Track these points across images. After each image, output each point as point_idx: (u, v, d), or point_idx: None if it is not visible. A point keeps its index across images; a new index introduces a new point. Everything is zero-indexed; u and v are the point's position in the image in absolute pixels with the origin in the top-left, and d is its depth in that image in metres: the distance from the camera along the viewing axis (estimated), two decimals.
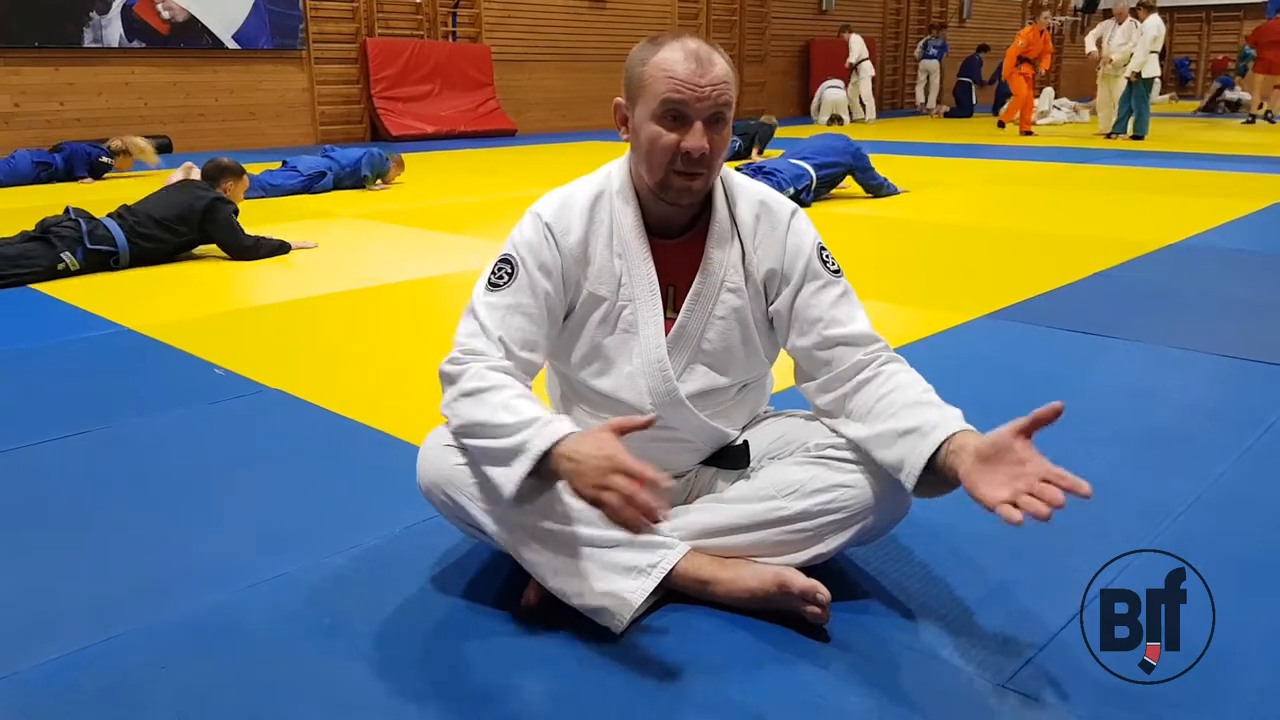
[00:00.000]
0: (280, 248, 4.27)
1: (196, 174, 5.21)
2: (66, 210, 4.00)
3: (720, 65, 1.34)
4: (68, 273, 3.80)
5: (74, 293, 3.54)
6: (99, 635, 1.35)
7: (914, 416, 1.32)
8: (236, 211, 4.21)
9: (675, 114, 1.33)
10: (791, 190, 5.36)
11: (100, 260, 3.89)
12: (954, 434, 1.27)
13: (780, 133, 8.80)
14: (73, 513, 1.77)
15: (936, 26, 16.46)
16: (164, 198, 4.13)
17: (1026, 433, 1.21)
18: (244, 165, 4.64)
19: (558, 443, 1.24)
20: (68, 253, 3.80)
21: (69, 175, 7.05)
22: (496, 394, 1.31)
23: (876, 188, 5.93)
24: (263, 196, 6.12)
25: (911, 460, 1.30)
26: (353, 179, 6.66)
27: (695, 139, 1.33)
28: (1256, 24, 19.07)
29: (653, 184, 1.39)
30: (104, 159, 7.14)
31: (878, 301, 3.22)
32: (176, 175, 5.85)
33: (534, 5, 11.99)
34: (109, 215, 4.00)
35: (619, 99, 1.42)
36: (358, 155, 6.69)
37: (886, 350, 1.44)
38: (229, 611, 1.41)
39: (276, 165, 6.66)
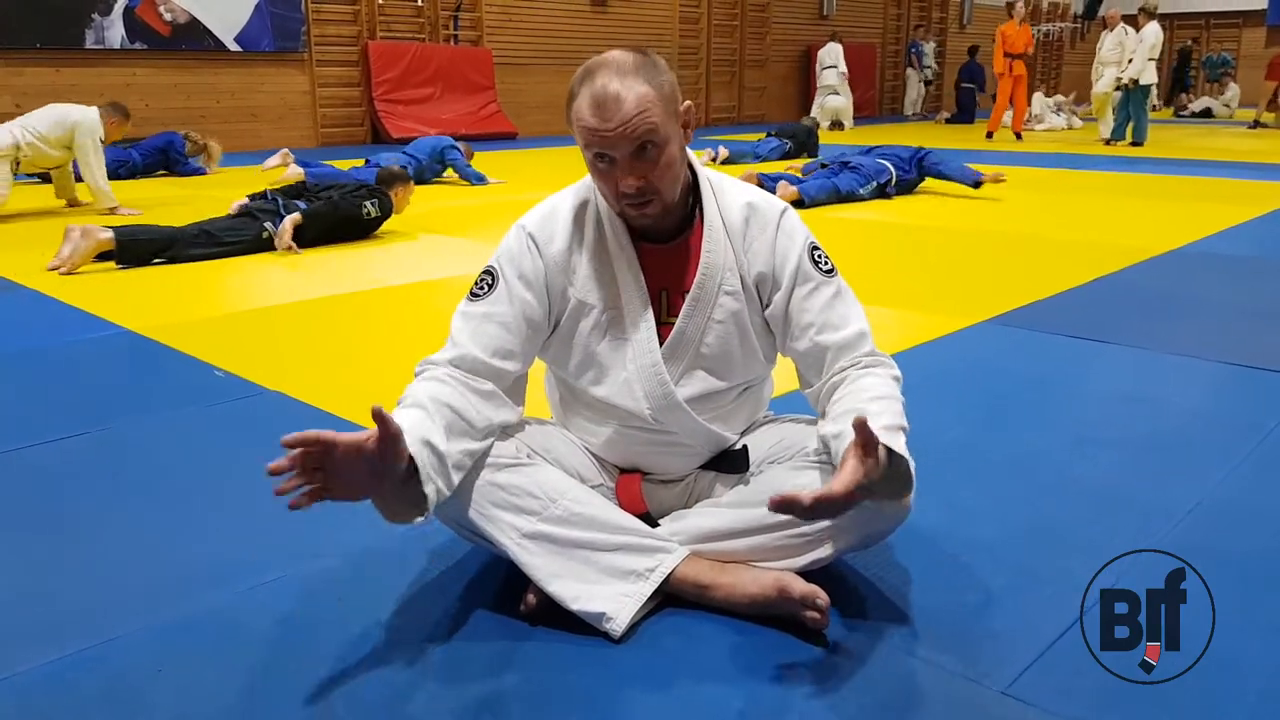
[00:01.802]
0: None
1: (291, 159, 6.16)
2: (264, 193, 4.61)
3: (630, 99, 1.29)
4: (271, 241, 4.32)
5: (75, 293, 3.54)
6: (98, 637, 1.35)
7: (845, 422, 1.31)
8: (375, 216, 4.63)
9: (600, 157, 1.34)
10: (874, 184, 6.07)
11: (295, 233, 4.35)
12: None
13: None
14: (71, 514, 1.77)
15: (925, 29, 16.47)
16: (340, 187, 4.68)
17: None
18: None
19: None
20: (270, 223, 4.34)
21: (147, 171, 7.41)
22: (408, 410, 1.33)
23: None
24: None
25: (835, 462, 1.31)
26: (434, 171, 7.04)
27: (625, 179, 1.33)
28: (1255, 30, 19.12)
29: (615, 212, 1.42)
30: (185, 159, 7.49)
31: (878, 306, 3.22)
32: (274, 160, 6.31)
33: (535, 9, 12.01)
34: (299, 198, 4.55)
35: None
36: (433, 146, 7.07)
37: (871, 355, 1.42)
38: (227, 613, 1.41)
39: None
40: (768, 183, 5.81)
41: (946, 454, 1.99)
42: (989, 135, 11.39)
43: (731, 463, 1.53)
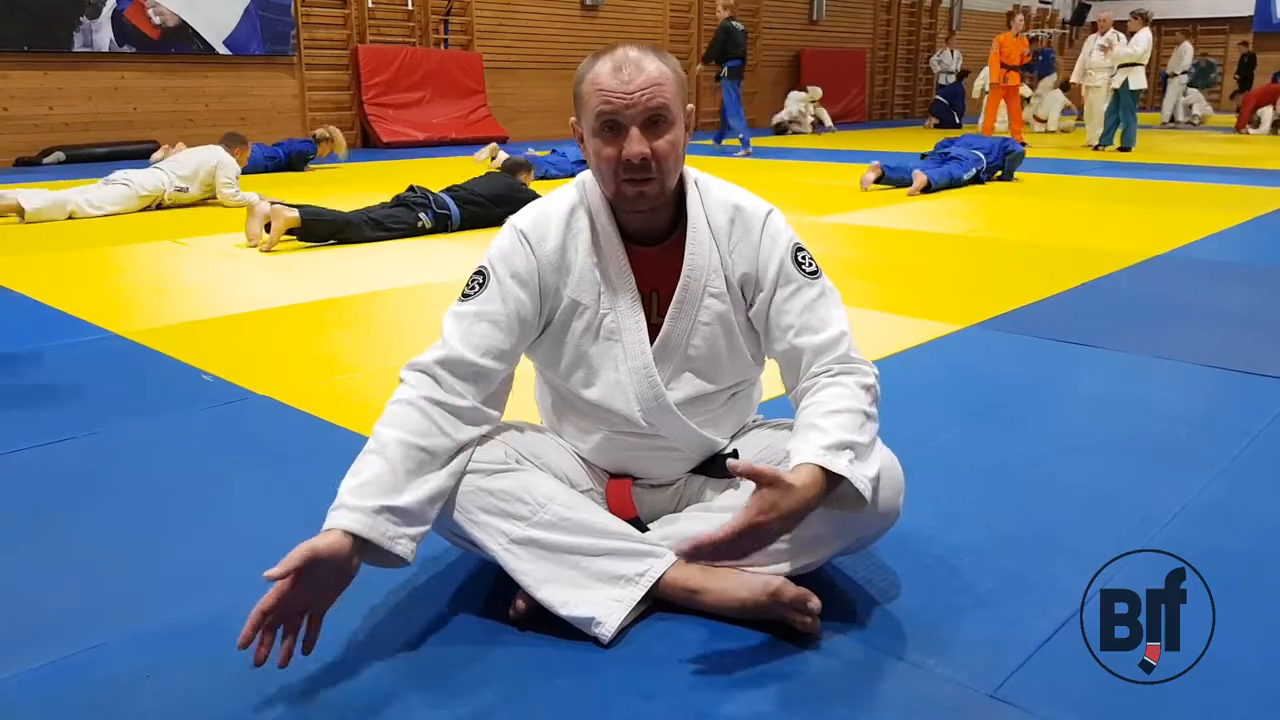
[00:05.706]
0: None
1: (499, 152, 6.83)
2: (411, 187, 5.05)
3: (651, 68, 1.34)
4: (424, 230, 4.86)
5: (61, 297, 3.52)
6: (84, 643, 1.34)
7: (796, 438, 1.34)
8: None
9: (610, 125, 1.34)
10: (974, 171, 7.17)
11: (442, 222, 4.94)
12: (798, 465, 1.28)
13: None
14: (57, 519, 1.76)
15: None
16: (485, 181, 5.26)
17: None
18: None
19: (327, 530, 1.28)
20: (423, 214, 4.86)
21: (290, 166, 8.19)
22: (368, 457, 1.33)
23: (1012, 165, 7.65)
24: (554, 176, 7.31)
25: None
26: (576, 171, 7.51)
27: (632, 145, 1.33)
28: (1242, 37, 19.22)
29: (609, 196, 1.41)
30: (309, 153, 8.27)
31: (868, 310, 3.23)
32: (483, 153, 6.80)
33: (526, 13, 12.02)
34: (444, 190, 5.04)
35: (573, 119, 1.42)
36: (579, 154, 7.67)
37: (843, 361, 1.40)
38: (215, 619, 1.40)
39: None
40: (894, 173, 6.81)
41: (935, 458, 2.00)
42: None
43: (721, 467, 1.53)
